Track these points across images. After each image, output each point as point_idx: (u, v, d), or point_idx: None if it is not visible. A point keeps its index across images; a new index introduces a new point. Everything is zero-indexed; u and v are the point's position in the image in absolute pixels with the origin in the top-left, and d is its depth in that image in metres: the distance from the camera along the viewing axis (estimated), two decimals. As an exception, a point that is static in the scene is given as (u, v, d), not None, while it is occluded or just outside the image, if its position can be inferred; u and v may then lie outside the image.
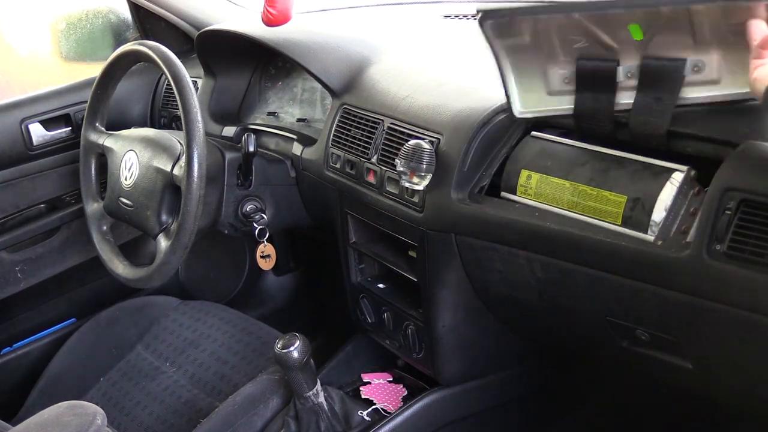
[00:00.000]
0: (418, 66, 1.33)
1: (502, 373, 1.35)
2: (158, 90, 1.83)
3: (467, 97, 1.13)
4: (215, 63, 1.63)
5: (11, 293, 1.62)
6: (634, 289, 0.90)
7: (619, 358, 1.14)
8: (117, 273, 1.42)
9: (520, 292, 1.10)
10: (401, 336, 1.30)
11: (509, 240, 1.03)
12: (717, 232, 0.80)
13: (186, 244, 1.27)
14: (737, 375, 0.92)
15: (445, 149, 1.09)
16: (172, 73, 1.27)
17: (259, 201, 1.44)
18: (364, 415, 1.27)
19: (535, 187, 1.01)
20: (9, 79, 1.86)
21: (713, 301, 0.82)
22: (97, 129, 1.51)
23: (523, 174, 1.03)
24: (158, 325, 1.57)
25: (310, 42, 1.42)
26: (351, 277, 1.39)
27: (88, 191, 1.51)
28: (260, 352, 1.42)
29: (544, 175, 1.00)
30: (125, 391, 1.45)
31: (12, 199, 1.61)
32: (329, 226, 1.43)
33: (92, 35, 1.93)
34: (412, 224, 1.16)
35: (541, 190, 1.00)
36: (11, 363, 1.63)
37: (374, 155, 1.23)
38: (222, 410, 1.25)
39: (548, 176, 0.99)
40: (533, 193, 1.01)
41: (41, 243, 1.65)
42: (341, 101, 1.34)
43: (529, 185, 1.02)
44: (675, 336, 0.92)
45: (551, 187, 0.99)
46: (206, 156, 1.24)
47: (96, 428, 0.82)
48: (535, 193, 1.01)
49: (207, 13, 1.80)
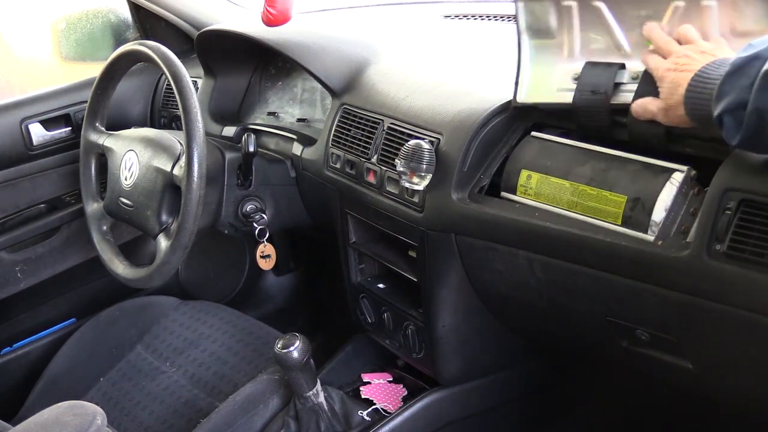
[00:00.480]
0: (418, 66, 1.33)
1: (502, 373, 1.35)
2: (158, 90, 1.83)
3: (467, 97, 1.13)
4: (215, 63, 1.63)
5: (11, 293, 1.62)
6: (634, 289, 0.90)
7: (619, 358, 1.14)
8: (117, 273, 1.42)
9: (520, 292, 1.10)
10: (401, 336, 1.30)
11: (509, 240, 1.03)
12: (717, 232, 0.80)
13: (186, 244, 1.27)
14: (737, 375, 0.93)
15: (445, 149, 1.09)
16: (172, 73, 1.27)
17: (259, 201, 1.44)
18: (364, 415, 1.27)
19: (535, 187, 1.01)
20: (9, 79, 1.86)
21: (713, 301, 0.82)
22: (97, 129, 1.51)
23: (523, 174, 1.03)
24: (158, 325, 1.57)
25: (310, 42, 1.42)
26: (351, 277, 1.39)
27: (88, 191, 1.51)
28: (260, 352, 1.42)
29: (544, 175, 1.00)
30: (125, 391, 1.45)
31: (12, 199, 1.61)
32: (329, 226, 1.43)
33: (92, 35, 1.93)
34: (412, 224, 1.16)
35: (541, 190, 1.00)
36: (11, 363, 1.63)
37: (374, 155, 1.23)
38: (222, 410, 1.25)
39: (548, 176, 0.99)
40: (533, 193, 1.01)
41: (41, 243, 1.65)
42: (341, 101, 1.34)
43: (529, 185, 1.02)
44: (675, 336, 0.92)
45: (551, 187, 0.99)
46: (206, 156, 1.24)
47: (96, 428, 0.82)
48: (535, 193, 1.01)
49: (207, 13, 1.80)
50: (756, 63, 0.71)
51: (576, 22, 0.96)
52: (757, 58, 0.71)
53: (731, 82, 0.73)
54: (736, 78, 0.72)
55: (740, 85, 0.72)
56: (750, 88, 0.71)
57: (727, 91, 0.73)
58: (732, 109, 0.72)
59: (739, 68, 0.72)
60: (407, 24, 1.71)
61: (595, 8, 0.93)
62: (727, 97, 0.73)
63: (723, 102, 0.73)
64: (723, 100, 0.73)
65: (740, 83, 0.72)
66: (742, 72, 0.72)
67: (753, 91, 0.70)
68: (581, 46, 0.97)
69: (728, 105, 0.72)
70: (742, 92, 0.71)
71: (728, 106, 0.72)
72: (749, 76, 0.71)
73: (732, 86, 0.72)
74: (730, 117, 0.73)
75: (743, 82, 0.71)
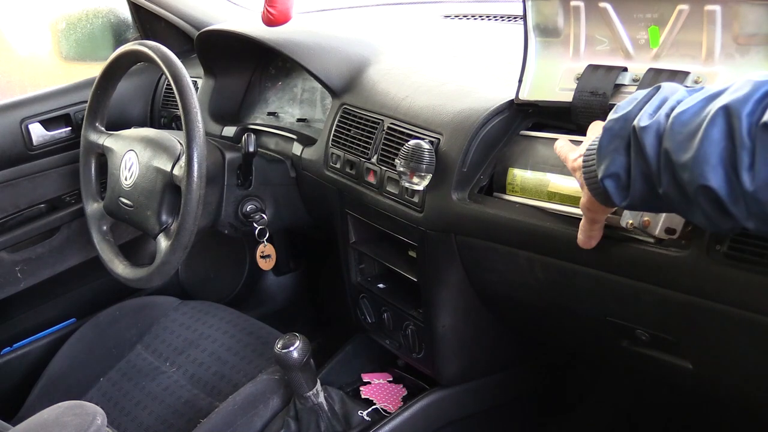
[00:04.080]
0: (418, 66, 1.33)
1: (502, 373, 1.35)
2: (158, 90, 1.83)
3: (467, 97, 1.13)
4: (215, 63, 1.63)
5: (11, 293, 1.62)
6: (634, 289, 0.90)
7: (619, 358, 1.14)
8: (117, 273, 1.42)
9: (520, 292, 1.10)
10: (401, 336, 1.30)
11: (509, 240, 1.03)
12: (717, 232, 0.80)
13: (186, 244, 1.27)
14: (737, 375, 0.92)
15: (445, 149, 1.09)
16: (172, 73, 1.27)
17: (259, 201, 1.44)
18: (364, 415, 1.27)
19: (520, 184, 1.03)
20: (9, 79, 1.86)
21: (713, 301, 0.82)
22: (97, 129, 1.51)
23: (510, 172, 1.04)
24: (158, 325, 1.57)
25: (310, 42, 1.42)
26: (351, 277, 1.39)
27: (88, 191, 1.51)
28: (260, 352, 1.42)
29: (526, 170, 1.02)
30: (125, 391, 1.45)
31: (12, 199, 1.61)
32: (329, 226, 1.43)
33: (92, 35, 1.93)
34: (412, 224, 1.16)
35: (525, 185, 1.02)
36: (11, 363, 1.63)
37: (374, 155, 1.23)
38: (222, 410, 1.25)
39: (533, 171, 1.01)
40: (519, 189, 1.03)
41: (41, 243, 1.65)
42: (341, 101, 1.34)
43: (515, 182, 1.03)
44: (675, 336, 0.92)
45: (533, 181, 1.00)
46: (206, 156, 1.24)
47: (96, 428, 0.82)
48: (521, 189, 1.03)
49: (207, 13, 1.80)
50: (626, 125, 0.70)
51: (582, 23, 0.96)
52: (626, 119, 0.70)
53: (606, 147, 0.71)
54: (609, 141, 0.71)
55: (615, 147, 0.70)
56: (626, 150, 0.69)
57: (604, 155, 0.71)
58: (611, 174, 0.71)
59: (610, 130, 0.71)
60: (407, 24, 1.71)
61: (602, 9, 0.93)
62: (605, 161, 0.71)
63: (602, 167, 0.72)
64: (602, 166, 0.72)
65: (614, 146, 0.71)
66: (615, 134, 0.71)
67: (632, 153, 0.69)
68: (586, 46, 0.98)
69: (607, 171, 0.71)
70: (618, 154, 0.70)
71: (607, 172, 0.71)
72: (622, 138, 0.70)
73: (608, 150, 0.71)
74: (611, 181, 0.71)
75: (617, 144, 0.70)
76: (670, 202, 0.68)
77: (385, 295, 1.33)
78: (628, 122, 0.70)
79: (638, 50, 0.93)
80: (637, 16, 0.91)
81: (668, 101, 0.69)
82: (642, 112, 0.69)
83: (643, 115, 0.69)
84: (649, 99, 0.70)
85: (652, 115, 0.68)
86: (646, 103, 0.70)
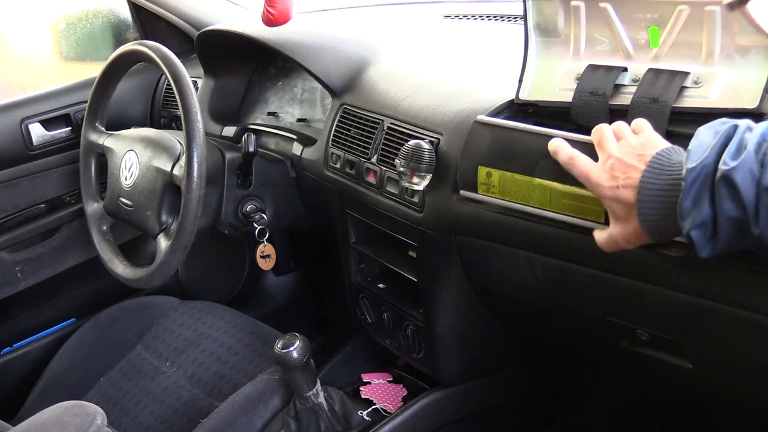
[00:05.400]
0: (418, 66, 1.33)
1: (502, 373, 1.35)
2: (158, 90, 1.83)
3: (467, 97, 1.13)
4: (215, 63, 1.63)
5: (11, 293, 1.62)
6: (634, 289, 0.90)
7: (619, 358, 1.14)
8: (117, 273, 1.42)
9: (520, 292, 1.10)
10: (401, 336, 1.30)
11: (509, 240, 1.03)
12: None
13: (186, 244, 1.27)
14: (737, 375, 0.93)
15: (445, 149, 1.09)
16: (172, 73, 1.27)
17: (259, 201, 1.44)
18: (364, 415, 1.27)
19: (498, 185, 0.99)
20: (9, 79, 1.87)
21: (714, 301, 0.82)
22: (97, 129, 1.51)
23: (481, 171, 1.00)
24: (158, 325, 1.57)
25: (310, 42, 1.42)
26: (351, 277, 1.39)
27: (88, 191, 1.51)
28: (260, 352, 1.42)
29: (506, 172, 0.97)
30: (125, 391, 1.45)
31: (12, 199, 1.61)
32: (329, 226, 1.43)
33: (92, 35, 1.93)
34: (412, 224, 1.16)
35: (506, 188, 0.98)
36: (11, 363, 1.63)
37: (374, 155, 1.23)
38: (222, 410, 1.25)
39: (512, 174, 0.96)
40: (497, 191, 0.99)
41: (41, 243, 1.65)
42: (341, 101, 1.34)
43: (491, 183, 0.99)
44: (675, 336, 0.92)
45: (517, 185, 0.96)
46: (206, 156, 1.24)
47: (96, 428, 0.82)
48: (500, 191, 0.99)
49: (207, 13, 1.80)
50: (709, 173, 0.69)
51: (583, 23, 0.96)
52: (706, 166, 0.70)
53: (692, 198, 0.71)
54: (694, 191, 0.70)
55: (701, 198, 0.70)
56: (712, 201, 0.69)
57: (690, 208, 0.71)
58: (698, 225, 0.71)
59: (695, 182, 0.70)
60: (407, 24, 1.71)
61: (602, 9, 0.93)
62: (692, 214, 0.71)
63: (688, 220, 0.71)
64: (688, 218, 0.71)
65: (701, 196, 0.70)
66: (700, 184, 0.70)
67: (718, 203, 0.68)
68: (586, 46, 0.98)
69: (694, 222, 0.71)
70: (705, 206, 0.70)
71: (694, 223, 0.71)
72: (705, 186, 0.69)
73: (694, 202, 0.70)
74: (698, 232, 0.71)
75: (703, 196, 0.70)
76: (765, 239, 0.68)
77: (385, 295, 1.33)
78: (708, 168, 0.69)
79: (638, 50, 0.93)
80: (638, 16, 0.92)
81: (749, 139, 0.68)
82: (724, 156, 0.69)
83: (726, 159, 0.68)
84: (727, 142, 0.70)
85: (736, 156, 0.68)
86: (724, 147, 0.70)
